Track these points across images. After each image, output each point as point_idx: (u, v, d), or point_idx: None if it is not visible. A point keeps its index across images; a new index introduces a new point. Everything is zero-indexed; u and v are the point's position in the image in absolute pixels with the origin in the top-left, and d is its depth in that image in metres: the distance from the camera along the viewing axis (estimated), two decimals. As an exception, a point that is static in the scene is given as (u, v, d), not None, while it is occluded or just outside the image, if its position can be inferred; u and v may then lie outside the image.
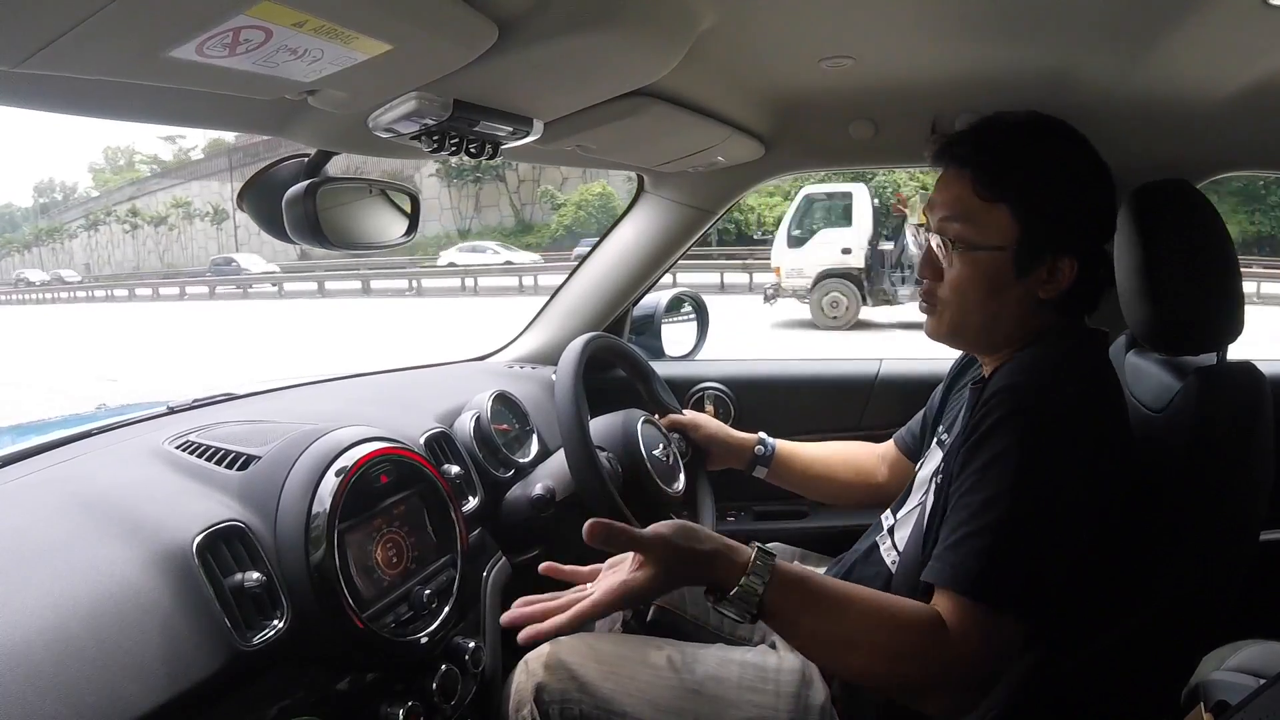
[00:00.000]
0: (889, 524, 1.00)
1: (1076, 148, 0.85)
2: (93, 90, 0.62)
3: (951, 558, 0.74)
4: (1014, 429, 0.74)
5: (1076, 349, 0.84)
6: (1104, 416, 0.78)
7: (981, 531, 0.73)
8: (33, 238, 47.87)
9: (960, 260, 0.85)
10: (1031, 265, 0.83)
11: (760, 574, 0.73)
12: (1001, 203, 0.82)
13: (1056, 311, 0.86)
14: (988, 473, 0.74)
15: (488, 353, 1.69)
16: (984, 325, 0.87)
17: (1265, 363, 0.91)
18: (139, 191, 41.86)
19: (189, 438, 0.90)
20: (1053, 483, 0.74)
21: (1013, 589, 0.72)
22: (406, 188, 1.04)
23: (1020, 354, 0.83)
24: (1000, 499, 0.73)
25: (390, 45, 0.57)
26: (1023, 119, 0.86)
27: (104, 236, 42.86)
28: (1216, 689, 0.90)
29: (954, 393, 1.07)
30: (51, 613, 0.61)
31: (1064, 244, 0.82)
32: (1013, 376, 0.78)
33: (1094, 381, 0.80)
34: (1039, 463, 0.73)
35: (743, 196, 1.59)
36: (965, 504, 0.75)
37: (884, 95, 1.14)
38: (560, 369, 1.05)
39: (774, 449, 1.24)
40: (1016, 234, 0.82)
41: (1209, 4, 0.75)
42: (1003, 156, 0.83)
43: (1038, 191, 0.82)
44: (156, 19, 0.47)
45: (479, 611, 1.04)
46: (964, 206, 0.84)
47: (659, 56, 0.78)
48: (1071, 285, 0.83)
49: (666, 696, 0.91)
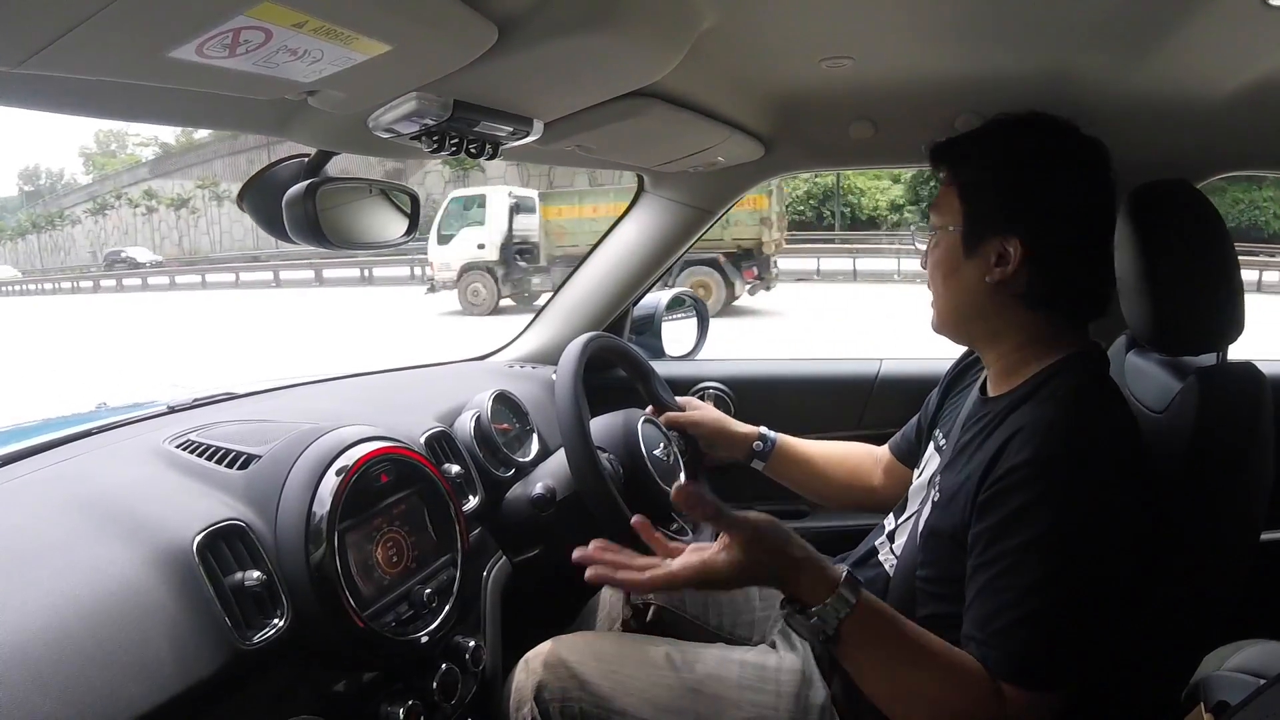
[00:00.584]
0: (890, 528, 1.00)
1: (1042, 137, 0.84)
2: (93, 90, 0.62)
3: (1007, 646, 0.72)
4: (1050, 510, 0.72)
5: (1090, 396, 0.80)
6: (1132, 470, 0.77)
7: (1031, 620, 0.72)
8: (29, 224, 44.52)
9: (933, 247, 0.89)
10: (977, 245, 0.83)
11: (848, 598, 0.72)
12: (953, 185, 0.87)
13: (1030, 308, 0.84)
14: (1028, 555, 0.72)
15: (488, 352, 1.69)
16: (953, 310, 0.89)
17: (1266, 363, 0.91)
18: (153, 172, 38.58)
19: (189, 437, 0.90)
20: (1097, 559, 0.73)
21: (1067, 670, 0.73)
22: (406, 187, 1.04)
23: (1037, 408, 0.79)
24: (1046, 585, 0.72)
25: (390, 46, 0.57)
26: (1000, 116, 0.87)
27: (111, 222, 39.41)
28: (1216, 689, 0.90)
29: (950, 397, 1.07)
30: (52, 612, 0.61)
31: (1006, 224, 0.82)
32: (1038, 447, 0.74)
33: (1118, 436, 0.78)
34: (1081, 542, 0.72)
35: (742, 197, 1.59)
36: (1006, 586, 0.73)
37: (884, 95, 1.14)
38: (560, 369, 1.05)
39: (774, 443, 1.24)
40: (963, 214, 0.85)
41: (1209, 4, 0.75)
42: (962, 147, 0.88)
43: (981, 172, 0.85)
44: (157, 19, 0.47)
45: (479, 611, 1.04)
46: (937, 201, 0.89)
47: (659, 57, 0.78)
48: (1030, 275, 0.82)
49: (666, 695, 0.91)
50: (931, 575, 0.84)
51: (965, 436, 0.89)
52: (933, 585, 0.84)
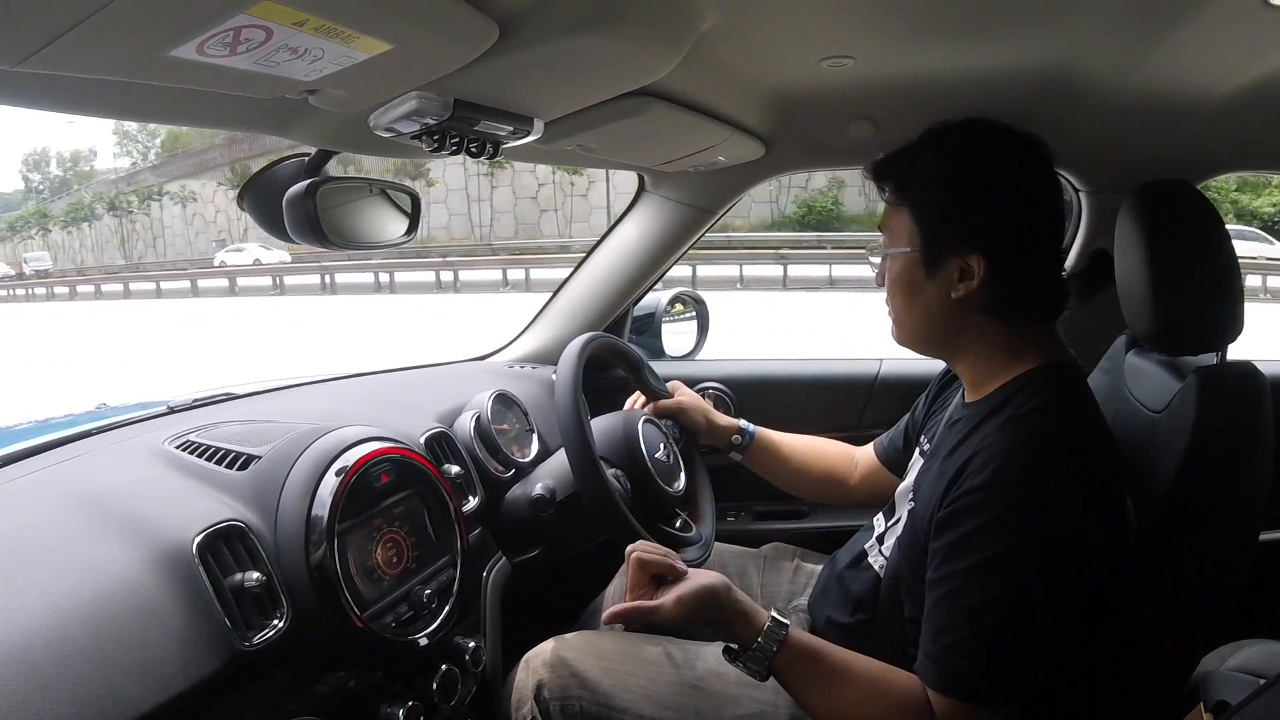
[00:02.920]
0: (879, 530, 1.00)
1: (982, 145, 0.83)
2: (93, 89, 0.62)
3: (950, 663, 0.75)
4: (1000, 536, 0.74)
5: (1052, 417, 0.79)
6: (1094, 492, 0.77)
7: (975, 640, 0.74)
8: (68, 216, 38.72)
9: (887, 268, 0.89)
10: (937, 265, 0.83)
11: (776, 637, 0.80)
12: (903, 206, 0.86)
13: (993, 317, 0.84)
14: (976, 578, 0.74)
15: (488, 353, 1.69)
16: (920, 328, 0.88)
17: (1265, 363, 0.91)
18: (198, 167, 34.38)
19: (189, 437, 0.90)
20: (1045, 583, 0.74)
21: (1006, 688, 0.75)
22: (407, 187, 1.04)
23: (999, 430, 0.79)
24: (991, 608, 0.73)
25: (391, 44, 0.57)
26: (936, 126, 0.86)
27: (144, 221, 35.80)
28: (1216, 688, 0.90)
29: (937, 402, 1.07)
30: (52, 612, 0.61)
31: (964, 242, 0.81)
32: (995, 471, 0.75)
33: (1078, 460, 0.77)
34: (1030, 568, 0.73)
35: (742, 197, 1.59)
36: (955, 605, 0.75)
37: (884, 95, 1.14)
38: (560, 369, 1.05)
39: (753, 435, 1.25)
40: (919, 235, 0.84)
41: (1209, 4, 0.75)
42: (904, 164, 0.87)
43: (931, 192, 0.84)
44: (157, 18, 0.47)
45: (479, 611, 1.04)
46: (887, 218, 0.89)
47: (660, 56, 0.78)
48: (992, 286, 0.81)
49: (667, 692, 0.91)
50: (909, 581, 0.86)
51: (942, 441, 0.89)
52: (911, 592, 0.85)
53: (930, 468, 0.88)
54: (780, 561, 1.22)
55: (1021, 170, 0.83)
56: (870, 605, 0.94)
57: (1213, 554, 0.81)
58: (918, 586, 0.83)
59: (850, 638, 0.94)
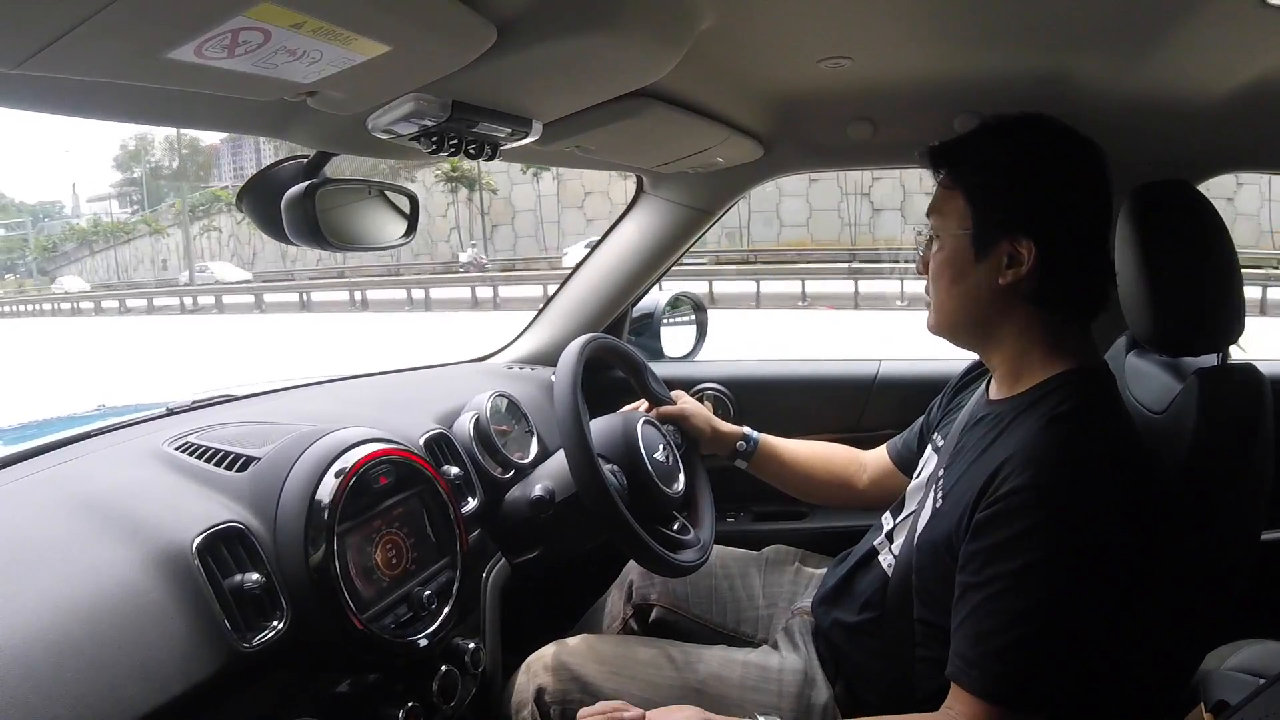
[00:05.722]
0: (888, 527, 1.00)
1: (1041, 137, 0.84)
2: (92, 91, 0.62)
3: (996, 668, 0.73)
4: (1048, 538, 0.73)
5: (1093, 420, 0.79)
6: (1133, 495, 0.76)
7: (1021, 644, 0.72)
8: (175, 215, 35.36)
9: (935, 251, 0.88)
10: (988, 248, 0.83)
11: None
12: (958, 189, 0.86)
13: (1040, 308, 0.83)
14: (1023, 580, 0.73)
15: (487, 354, 1.69)
16: (961, 313, 0.88)
17: (1266, 364, 0.91)
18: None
19: (188, 439, 0.90)
20: (1091, 587, 0.73)
21: (1053, 693, 0.74)
22: (406, 189, 1.04)
23: (1040, 431, 0.78)
24: (1039, 611, 0.72)
25: (389, 46, 0.57)
26: (998, 117, 0.87)
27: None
28: (1216, 688, 0.90)
29: (954, 402, 1.06)
30: (51, 614, 0.61)
31: (1017, 226, 0.81)
32: (1039, 472, 0.74)
33: (1120, 463, 0.77)
34: (1077, 571, 0.73)
35: (741, 197, 1.59)
36: (999, 609, 0.74)
37: (883, 95, 1.14)
38: (559, 371, 1.05)
39: (757, 442, 1.24)
40: (971, 217, 0.84)
41: (1208, 4, 0.75)
42: (963, 150, 0.87)
43: (986, 175, 0.84)
44: (156, 20, 0.47)
45: (479, 613, 1.04)
46: (938, 202, 0.88)
47: (658, 57, 0.78)
48: (1041, 275, 0.81)
49: (668, 696, 0.91)
50: (924, 581, 0.85)
51: (966, 439, 0.88)
52: (925, 591, 0.85)
53: (955, 465, 0.87)
54: (781, 564, 1.22)
55: (1077, 165, 0.83)
56: (877, 604, 0.93)
57: (1214, 555, 0.81)
58: (936, 587, 0.82)
59: (857, 637, 0.94)
